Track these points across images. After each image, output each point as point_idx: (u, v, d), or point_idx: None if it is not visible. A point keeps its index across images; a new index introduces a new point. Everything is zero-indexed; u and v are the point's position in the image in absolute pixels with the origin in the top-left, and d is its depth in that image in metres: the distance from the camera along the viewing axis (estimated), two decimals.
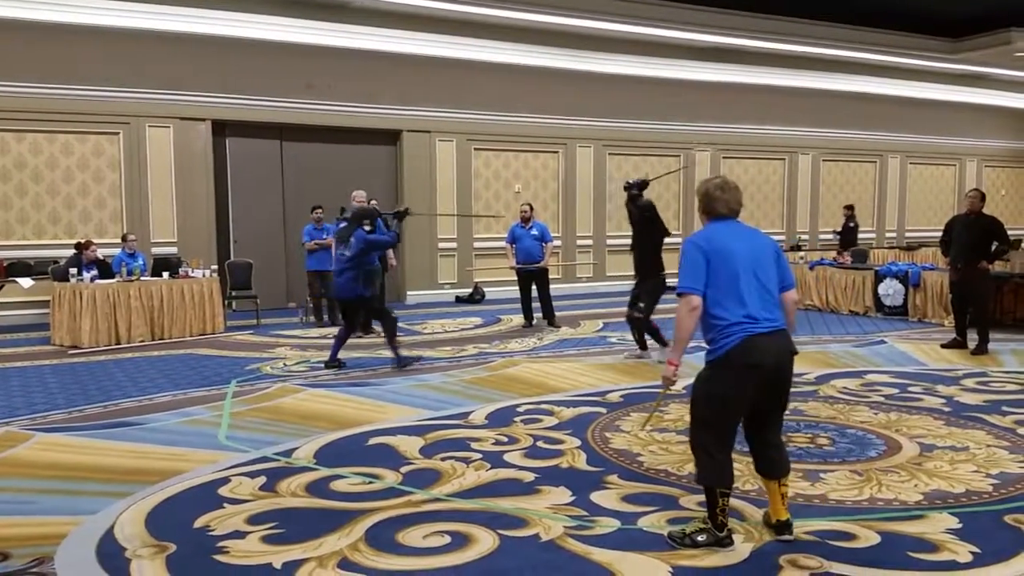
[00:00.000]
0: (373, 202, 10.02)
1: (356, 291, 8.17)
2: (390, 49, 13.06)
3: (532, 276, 11.04)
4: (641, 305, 8.42)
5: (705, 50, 15.44)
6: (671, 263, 6.26)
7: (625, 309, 8.79)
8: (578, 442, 5.45)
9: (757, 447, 3.82)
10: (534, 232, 11.13)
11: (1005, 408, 6.35)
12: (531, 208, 11.46)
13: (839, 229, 16.24)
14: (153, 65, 11.89)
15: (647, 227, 8.51)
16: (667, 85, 15.74)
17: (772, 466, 3.79)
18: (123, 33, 11.47)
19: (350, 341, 9.91)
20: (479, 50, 13.69)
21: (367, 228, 8.18)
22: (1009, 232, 9.35)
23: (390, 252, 10.59)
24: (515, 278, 11.32)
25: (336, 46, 12.69)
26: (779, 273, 3.77)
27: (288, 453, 5.25)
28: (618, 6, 13.86)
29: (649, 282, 8.44)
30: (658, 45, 15.00)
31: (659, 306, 8.62)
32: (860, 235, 17.26)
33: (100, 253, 10.59)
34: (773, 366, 3.61)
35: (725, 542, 3.70)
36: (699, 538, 3.74)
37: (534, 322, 11.14)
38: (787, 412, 3.93)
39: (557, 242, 14.57)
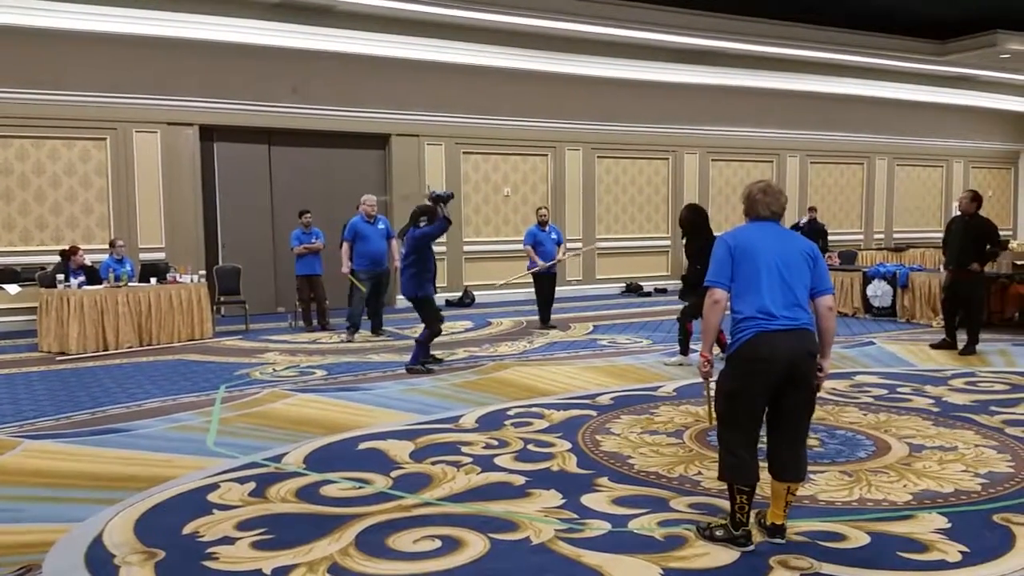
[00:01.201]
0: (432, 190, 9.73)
1: (414, 290, 8.19)
2: (378, 53, 13.06)
3: (550, 278, 11.21)
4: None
5: (693, 53, 15.49)
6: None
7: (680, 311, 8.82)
8: (569, 445, 5.45)
9: (771, 446, 3.81)
10: (553, 235, 11.31)
11: (993, 408, 6.38)
12: (548, 211, 11.70)
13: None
14: (140, 70, 11.84)
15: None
16: (655, 88, 15.78)
17: (782, 468, 3.76)
18: (110, 38, 11.42)
19: (342, 345, 9.92)
20: (467, 54, 13.70)
21: (423, 224, 8.17)
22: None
23: (395, 252, 10.55)
24: (505, 280, 11.31)
25: (323, 50, 12.68)
26: (813, 277, 3.77)
27: (278, 458, 5.23)
28: (607, 10, 13.90)
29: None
30: (646, 48, 15.04)
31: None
32: (848, 237, 17.35)
33: (88, 259, 10.53)
34: (784, 363, 3.60)
35: (740, 541, 3.71)
36: (717, 533, 3.79)
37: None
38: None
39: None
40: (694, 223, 8.38)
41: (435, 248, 14.26)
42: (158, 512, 4.30)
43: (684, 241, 8.62)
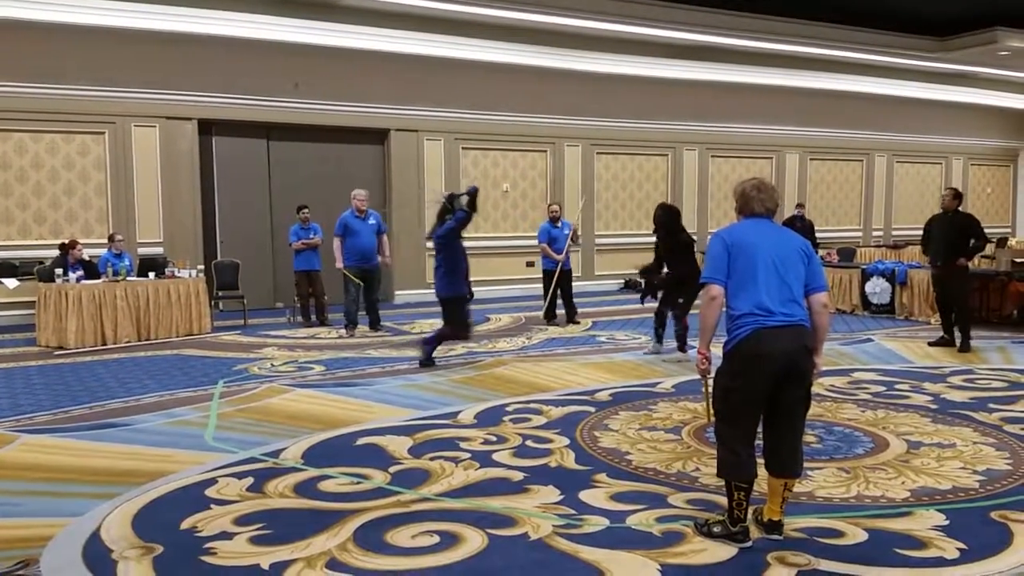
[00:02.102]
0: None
1: (444, 289, 8.21)
2: (377, 48, 13.03)
3: (565, 273, 11.17)
4: (680, 301, 8.66)
5: (692, 49, 15.47)
6: None
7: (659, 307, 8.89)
8: (567, 441, 5.45)
9: (767, 442, 3.81)
10: (565, 231, 11.25)
11: (991, 405, 6.38)
12: (559, 207, 11.70)
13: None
14: (139, 64, 11.82)
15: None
16: (655, 84, 15.77)
17: (779, 465, 3.76)
18: (108, 32, 11.41)
19: (340, 341, 9.92)
20: (467, 49, 13.67)
21: (448, 221, 8.14)
22: (994, 230, 9.42)
23: (385, 246, 10.67)
24: (508, 275, 11.28)
25: (323, 44, 12.65)
26: (807, 274, 3.79)
27: (276, 454, 5.23)
28: (606, 5, 13.87)
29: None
30: (646, 44, 15.02)
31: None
32: (847, 234, 17.34)
33: (86, 253, 10.52)
34: (782, 359, 3.61)
35: (738, 537, 3.71)
36: (715, 529, 3.80)
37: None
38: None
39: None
40: (666, 223, 8.51)
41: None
42: (156, 507, 4.30)
43: (656, 239, 8.73)
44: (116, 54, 11.68)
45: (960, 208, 9.03)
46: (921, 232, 9.47)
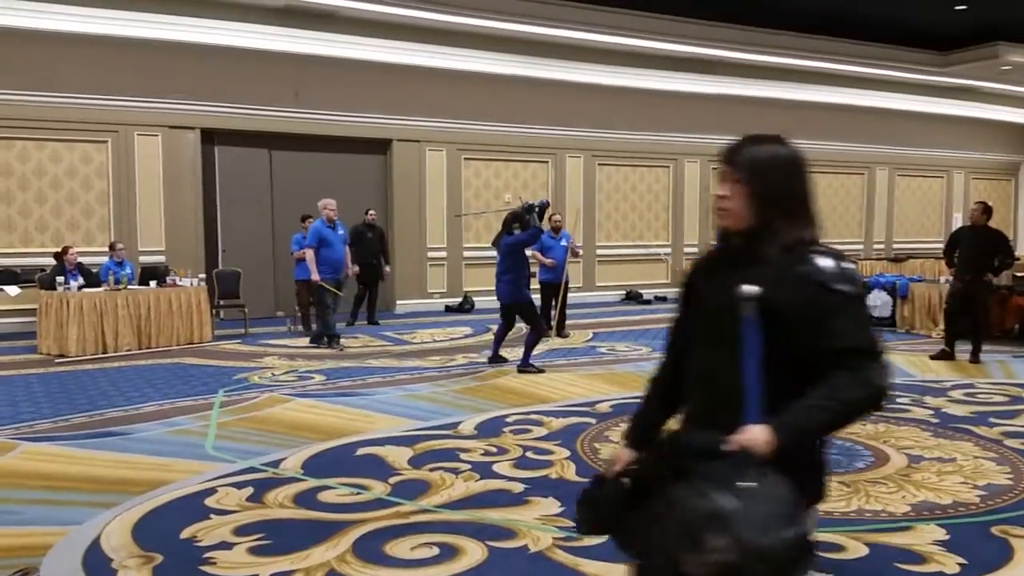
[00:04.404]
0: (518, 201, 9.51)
1: (512, 296, 8.41)
2: (380, 59, 13.07)
3: (555, 286, 10.80)
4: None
5: (695, 62, 15.52)
6: None
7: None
8: (567, 452, 5.45)
9: None
10: (563, 242, 10.91)
11: (992, 420, 6.38)
12: (562, 218, 11.46)
13: None
14: (142, 73, 11.86)
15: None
16: (656, 96, 15.80)
17: None
18: (112, 41, 11.45)
19: (327, 352, 9.91)
20: (469, 60, 13.73)
21: (516, 231, 8.33)
22: None
23: (349, 257, 10.46)
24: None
25: (325, 55, 12.70)
26: None
27: (275, 464, 5.22)
28: (609, 18, 13.94)
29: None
30: (647, 57, 15.07)
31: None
32: (848, 247, 17.29)
33: (83, 259, 10.51)
34: None
35: None
36: None
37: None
38: None
39: None
40: None
41: (435, 253, 14.43)
42: (156, 516, 4.30)
43: None
44: (119, 63, 11.72)
45: (988, 223, 8.97)
46: (944, 244, 9.35)
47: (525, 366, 8.42)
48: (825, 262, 1.92)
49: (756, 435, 1.83)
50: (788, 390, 1.88)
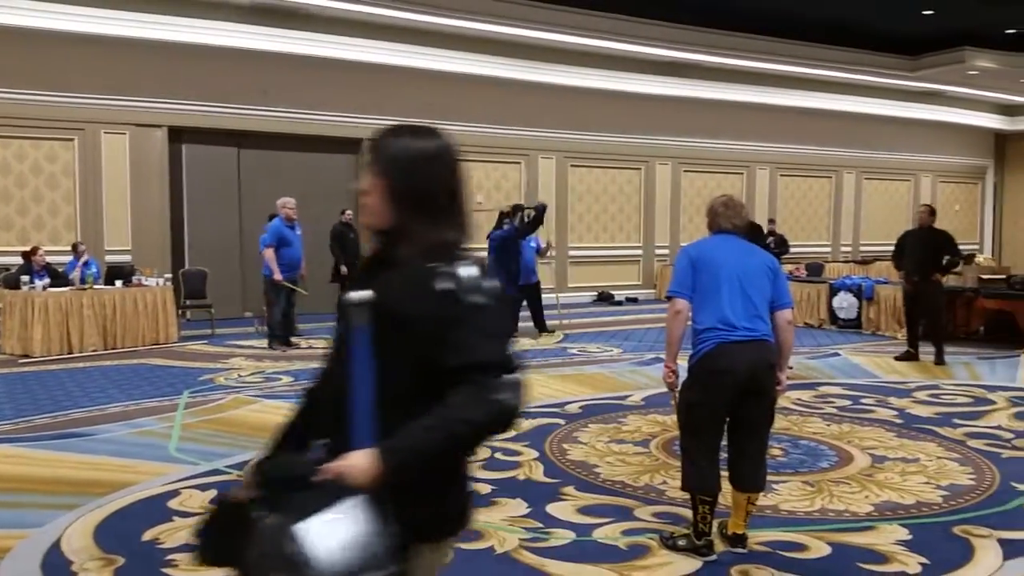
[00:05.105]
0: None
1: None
2: (349, 57, 12.99)
3: (530, 287, 10.74)
4: None
5: (665, 64, 15.60)
6: None
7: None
8: (536, 453, 5.45)
9: (732, 456, 3.84)
10: (532, 244, 10.88)
11: (956, 420, 6.46)
12: None
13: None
14: (109, 71, 11.71)
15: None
16: (628, 98, 15.85)
17: (741, 479, 3.79)
18: (78, 38, 11.28)
19: (308, 351, 9.85)
20: (441, 60, 13.69)
21: (506, 226, 8.46)
22: (962, 246, 9.55)
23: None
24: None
25: (296, 53, 12.59)
26: (773, 291, 3.82)
27: (240, 466, 5.15)
28: (581, 20, 13.96)
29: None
30: (619, 59, 15.13)
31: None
32: (816, 249, 17.44)
33: (53, 260, 10.37)
34: (745, 374, 3.64)
35: (702, 550, 3.73)
36: (680, 542, 3.82)
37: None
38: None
39: None
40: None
41: None
42: (118, 518, 4.24)
43: None
44: (86, 61, 11.57)
45: (934, 224, 9.13)
46: (893, 247, 9.53)
47: None
48: (460, 270, 1.72)
49: (355, 462, 1.62)
50: (417, 410, 1.65)
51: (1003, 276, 11.42)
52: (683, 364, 3.89)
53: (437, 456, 1.68)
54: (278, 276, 9.73)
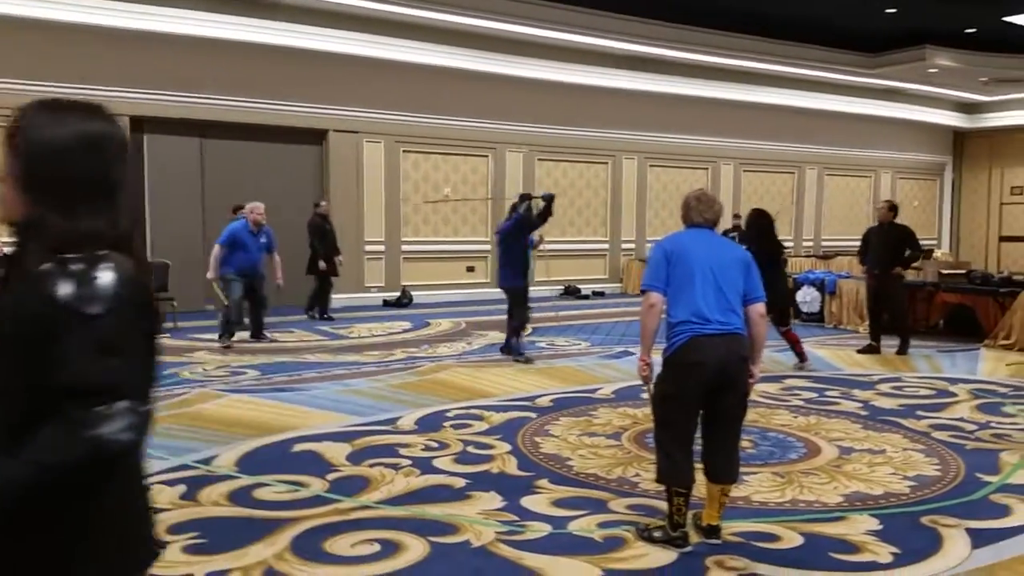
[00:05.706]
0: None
1: (501, 281, 8.94)
2: (317, 47, 12.85)
3: None
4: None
5: (632, 59, 15.65)
6: None
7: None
8: (508, 447, 5.44)
9: (705, 448, 3.87)
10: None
11: (920, 412, 6.56)
12: None
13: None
14: (68, 58, 11.45)
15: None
16: (597, 93, 15.86)
17: (715, 470, 3.82)
18: (37, 24, 11.02)
19: (274, 345, 9.75)
20: (408, 51, 13.58)
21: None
22: (921, 241, 9.72)
23: (276, 266, 10.09)
24: (449, 280, 11.09)
25: (261, 42, 12.41)
26: (745, 285, 3.85)
27: (208, 460, 5.10)
28: (547, 13, 13.94)
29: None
30: (587, 53, 15.13)
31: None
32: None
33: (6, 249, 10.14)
34: (717, 367, 3.67)
35: (677, 541, 3.76)
36: (655, 534, 3.84)
37: None
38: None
39: (487, 247, 14.62)
40: (760, 227, 8.68)
41: (373, 247, 14.25)
42: None
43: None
44: (45, 48, 11.29)
45: (895, 220, 9.30)
46: (859, 243, 9.70)
47: (506, 347, 8.94)
48: (76, 269, 1.43)
49: None
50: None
51: (963, 271, 11.61)
52: (657, 358, 3.90)
53: (23, 495, 1.41)
54: (210, 274, 9.64)
